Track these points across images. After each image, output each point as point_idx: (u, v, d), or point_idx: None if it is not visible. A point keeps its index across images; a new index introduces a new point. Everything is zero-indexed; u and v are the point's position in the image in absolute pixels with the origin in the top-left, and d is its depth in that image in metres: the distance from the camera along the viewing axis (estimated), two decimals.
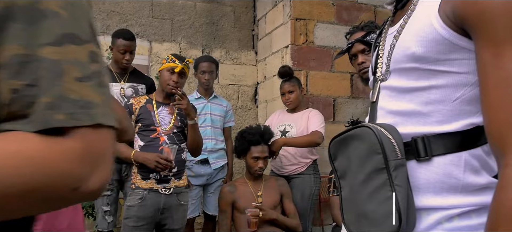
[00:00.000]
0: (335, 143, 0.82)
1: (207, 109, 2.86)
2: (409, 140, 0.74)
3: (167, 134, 2.21)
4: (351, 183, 0.78)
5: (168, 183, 2.20)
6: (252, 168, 2.39)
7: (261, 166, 2.38)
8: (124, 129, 1.24)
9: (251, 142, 2.39)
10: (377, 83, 0.84)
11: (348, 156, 0.78)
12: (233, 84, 3.94)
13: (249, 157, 2.41)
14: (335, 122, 3.45)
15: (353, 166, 0.77)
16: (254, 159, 2.38)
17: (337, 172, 0.83)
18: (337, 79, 3.47)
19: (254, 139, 2.40)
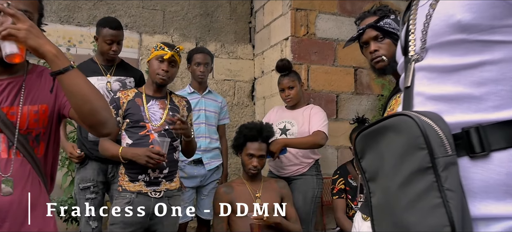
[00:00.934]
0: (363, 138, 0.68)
1: (201, 105, 2.75)
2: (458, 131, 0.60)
3: (158, 131, 2.08)
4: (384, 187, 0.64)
5: (159, 186, 2.07)
6: (246, 166, 2.30)
7: (255, 164, 2.27)
8: (102, 121, 1.10)
9: (247, 137, 2.29)
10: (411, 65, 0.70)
11: (380, 153, 0.64)
12: (228, 80, 3.84)
13: (244, 154, 2.32)
14: (338, 120, 3.35)
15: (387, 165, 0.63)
16: (248, 156, 2.29)
17: (366, 173, 0.68)
18: (340, 74, 3.37)
19: (251, 134, 2.30)
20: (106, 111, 1.13)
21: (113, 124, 1.17)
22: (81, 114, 1.11)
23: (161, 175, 2.07)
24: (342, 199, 2.65)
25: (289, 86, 2.60)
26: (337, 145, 3.32)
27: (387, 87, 3.37)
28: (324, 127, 2.52)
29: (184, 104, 2.26)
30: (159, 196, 2.06)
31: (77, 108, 1.11)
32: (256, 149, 2.31)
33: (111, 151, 2.04)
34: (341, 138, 3.30)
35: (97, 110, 1.09)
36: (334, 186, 2.69)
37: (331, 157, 3.29)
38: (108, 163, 2.36)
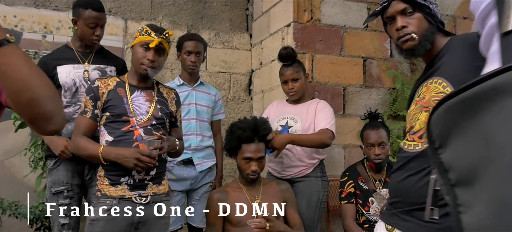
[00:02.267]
0: (447, 112, 0.45)
1: (191, 98, 2.57)
2: None
3: (144, 126, 1.89)
4: (498, 196, 0.41)
5: (145, 190, 1.88)
6: (244, 172, 2.13)
7: (254, 169, 2.10)
8: (46, 114, 0.85)
9: (241, 139, 2.12)
10: None
11: (485, 134, 0.41)
12: (223, 72, 3.68)
13: (240, 158, 2.14)
14: (345, 115, 3.18)
15: (503, 155, 0.40)
16: (245, 160, 2.12)
17: (450, 172, 0.46)
18: (347, 65, 3.19)
19: (245, 135, 2.12)
20: (52, 101, 0.87)
21: (61, 118, 0.91)
22: (18, 104, 0.88)
23: (148, 177, 1.89)
24: (351, 204, 2.47)
25: (293, 77, 2.44)
26: (344, 144, 3.16)
27: (400, 79, 3.22)
28: (331, 126, 2.38)
29: (173, 97, 2.08)
30: (146, 201, 1.88)
31: (13, 95, 0.87)
32: (254, 151, 2.13)
33: (88, 150, 1.84)
34: (348, 136, 3.14)
35: (39, 100, 0.85)
36: (343, 189, 2.51)
37: (338, 157, 3.12)
38: (85, 163, 2.17)
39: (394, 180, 1.38)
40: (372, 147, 2.42)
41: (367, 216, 2.46)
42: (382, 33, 3.31)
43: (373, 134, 2.41)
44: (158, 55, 1.90)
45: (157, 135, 1.80)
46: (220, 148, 2.63)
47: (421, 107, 1.34)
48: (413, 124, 1.36)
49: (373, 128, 2.42)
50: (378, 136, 2.40)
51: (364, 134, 2.48)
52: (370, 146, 2.43)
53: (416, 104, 1.37)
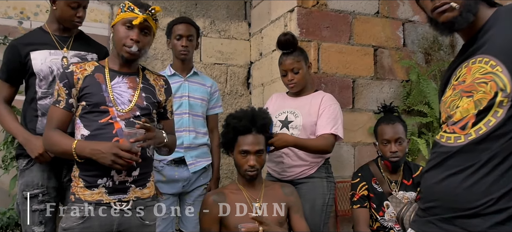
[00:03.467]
0: None
1: (183, 90, 2.40)
2: None
3: (126, 118, 1.68)
4: None
5: (126, 194, 1.68)
6: (241, 168, 1.97)
7: (252, 164, 1.94)
8: None
9: (237, 130, 1.96)
10: None
11: None
12: (219, 64, 3.51)
13: (237, 152, 1.99)
14: (355, 110, 3.00)
15: None
16: (242, 154, 1.96)
17: None
18: (357, 54, 3.02)
19: (241, 125, 1.96)
20: None
21: None
22: None
23: (130, 178, 1.67)
24: (364, 209, 2.28)
25: (293, 67, 2.28)
26: (354, 142, 2.98)
27: (415, 70, 3.04)
28: (336, 129, 2.23)
29: (162, 84, 1.87)
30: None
31: None
32: (251, 143, 1.96)
33: (61, 145, 1.64)
34: (358, 133, 2.96)
35: None
36: (355, 192, 2.30)
37: (346, 156, 2.93)
38: (63, 162, 1.94)
39: (430, 181, 1.17)
40: (388, 144, 2.22)
41: (381, 222, 2.27)
42: (394, 20, 3.15)
43: (388, 129, 2.22)
44: (143, 34, 1.69)
45: (139, 124, 1.58)
46: (217, 145, 2.45)
47: (461, 92, 1.14)
48: (451, 113, 1.16)
49: (389, 122, 2.24)
50: (394, 132, 2.21)
51: (378, 129, 2.28)
52: (385, 142, 2.23)
53: (454, 89, 1.17)
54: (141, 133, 1.58)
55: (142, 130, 1.59)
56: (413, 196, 2.25)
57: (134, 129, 1.59)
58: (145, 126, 1.58)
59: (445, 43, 3.31)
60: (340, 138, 2.26)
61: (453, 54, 3.31)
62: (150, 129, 1.61)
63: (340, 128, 2.25)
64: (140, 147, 1.59)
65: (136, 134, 1.58)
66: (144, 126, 1.58)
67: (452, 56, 3.29)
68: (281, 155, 2.28)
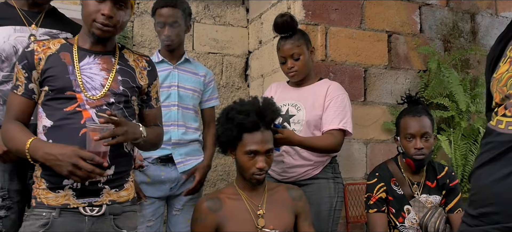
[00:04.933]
0: None
1: (172, 79, 2.24)
2: None
3: (98, 105, 1.48)
4: None
5: (98, 196, 1.47)
6: (247, 171, 1.76)
7: (262, 166, 1.74)
8: None
9: (243, 127, 1.76)
10: None
11: None
12: (214, 53, 3.36)
13: (241, 153, 1.77)
14: (367, 103, 2.85)
15: None
16: (249, 155, 1.74)
17: None
18: (369, 40, 2.87)
19: (248, 121, 1.74)
20: None
21: None
22: None
23: (103, 178, 1.46)
24: (382, 214, 2.08)
25: (293, 53, 2.13)
26: (366, 139, 2.83)
27: (435, 58, 2.87)
28: (345, 123, 2.10)
29: (144, 65, 1.65)
30: (99, 213, 1.46)
31: None
32: (260, 142, 1.75)
33: (15, 142, 1.44)
34: (371, 129, 2.81)
35: None
36: (371, 194, 2.11)
37: (357, 155, 2.78)
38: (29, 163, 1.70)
39: (485, 180, 0.95)
40: (413, 139, 2.03)
41: (401, 230, 2.07)
42: (410, 2, 3.01)
43: (414, 122, 2.04)
44: (117, 8, 1.48)
45: (104, 118, 1.37)
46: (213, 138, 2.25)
47: None
48: (509, 92, 0.93)
49: (414, 114, 2.06)
50: (420, 125, 2.03)
51: (401, 122, 2.09)
52: (409, 137, 2.04)
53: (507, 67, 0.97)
54: (108, 129, 1.37)
55: (109, 124, 1.38)
56: (437, 200, 2.08)
57: (99, 124, 1.38)
58: (112, 119, 1.37)
59: (465, 29, 3.18)
60: (349, 133, 2.12)
61: (474, 42, 3.20)
62: (119, 123, 1.39)
63: (349, 122, 2.11)
64: (108, 145, 1.38)
65: (102, 130, 1.36)
66: (111, 119, 1.37)
67: (473, 43, 3.18)
68: (282, 153, 2.14)
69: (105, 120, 1.37)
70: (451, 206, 2.06)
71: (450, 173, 2.10)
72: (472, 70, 3.10)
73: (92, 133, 1.35)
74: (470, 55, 3.10)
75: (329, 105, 2.10)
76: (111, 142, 1.38)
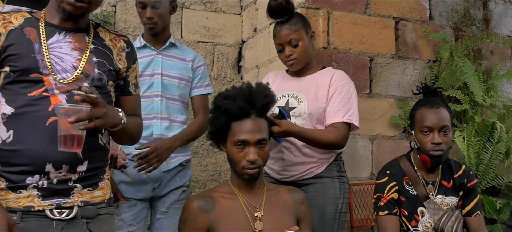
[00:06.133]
0: None
1: (156, 65, 2.17)
2: None
3: (68, 90, 1.37)
4: None
5: (69, 197, 1.36)
6: (237, 165, 1.68)
7: (252, 158, 1.65)
8: None
9: (230, 114, 1.68)
10: None
11: None
12: (204, 42, 3.32)
13: (231, 144, 1.69)
14: (373, 96, 2.83)
15: None
16: (238, 146, 1.66)
17: None
18: (375, 27, 2.84)
19: (236, 106, 1.67)
20: None
21: None
22: None
23: (74, 175, 1.37)
24: (393, 217, 1.99)
25: (291, 39, 2.06)
26: (371, 135, 2.79)
27: (447, 46, 2.83)
28: (351, 116, 2.04)
29: (122, 46, 1.55)
30: (70, 216, 1.36)
31: None
32: (250, 130, 1.66)
33: None
34: (377, 124, 2.78)
35: None
36: (382, 195, 2.02)
37: (362, 153, 2.74)
38: None
39: None
40: (430, 133, 1.96)
41: None
42: None
43: (431, 114, 1.96)
44: None
45: (80, 95, 1.25)
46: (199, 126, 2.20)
47: None
48: None
49: (432, 106, 1.99)
50: (439, 118, 1.95)
51: (417, 114, 2.03)
52: (426, 131, 1.97)
53: None
54: (84, 111, 1.26)
55: (86, 106, 1.27)
56: (454, 202, 2.00)
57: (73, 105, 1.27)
58: (89, 97, 1.25)
59: (477, 17, 3.15)
60: (355, 127, 2.05)
61: (487, 30, 3.19)
62: (97, 104, 1.28)
63: (355, 115, 2.04)
64: (84, 129, 1.27)
65: (78, 112, 1.25)
66: (88, 97, 1.25)
67: (486, 32, 3.15)
68: (281, 149, 2.06)
69: (82, 98, 1.24)
70: (469, 209, 1.98)
71: (468, 172, 2.04)
72: (485, 61, 3.08)
73: (64, 115, 1.24)
74: (482, 45, 3.08)
75: (333, 96, 2.04)
76: (89, 125, 1.27)
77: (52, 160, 1.29)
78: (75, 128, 1.25)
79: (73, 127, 1.25)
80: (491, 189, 2.80)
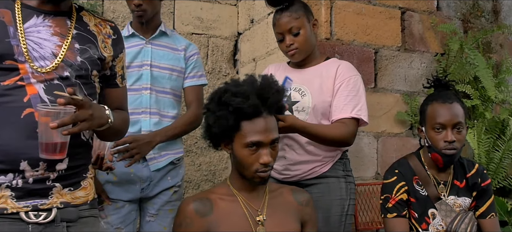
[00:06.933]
0: None
1: (145, 56, 2.12)
2: None
3: (47, 80, 1.31)
4: None
5: (47, 198, 1.31)
6: (249, 168, 1.60)
7: (267, 160, 1.58)
8: None
9: (241, 112, 1.59)
10: None
11: None
12: (198, 34, 3.31)
13: (240, 146, 1.60)
14: (378, 90, 2.79)
15: None
16: (250, 148, 1.58)
17: None
18: (380, 17, 2.81)
19: (249, 105, 1.57)
20: None
21: None
22: None
23: (52, 174, 1.30)
24: (403, 219, 1.95)
25: (292, 27, 2.01)
26: (376, 132, 2.76)
27: (455, 39, 2.78)
28: (359, 111, 1.99)
29: (108, 32, 1.49)
30: (48, 219, 1.30)
31: None
32: (264, 130, 1.59)
33: None
34: (382, 121, 2.75)
35: None
36: (390, 195, 1.98)
37: (367, 151, 2.70)
38: None
39: None
40: (443, 130, 1.92)
41: None
42: None
43: (444, 110, 1.92)
44: None
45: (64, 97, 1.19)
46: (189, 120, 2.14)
47: None
48: None
49: (445, 101, 1.95)
50: (452, 114, 1.91)
51: (428, 110, 1.98)
52: (438, 128, 1.93)
53: None
54: (68, 113, 1.19)
55: (70, 107, 1.20)
56: (467, 203, 1.95)
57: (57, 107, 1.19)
58: (74, 100, 1.19)
59: (487, 8, 3.12)
60: (363, 122, 2.00)
61: (496, 22, 3.15)
62: (82, 105, 1.21)
63: (363, 109, 1.98)
64: (69, 134, 1.21)
65: (59, 115, 1.18)
66: (73, 100, 1.19)
67: (495, 24, 3.12)
68: (283, 147, 2.00)
69: (66, 101, 1.18)
70: (483, 210, 1.94)
71: (482, 171, 2.00)
72: (495, 55, 3.06)
73: (45, 119, 1.17)
74: (491, 38, 3.04)
75: (340, 88, 1.98)
76: (73, 130, 1.21)
77: (27, 157, 1.22)
78: (58, 133, 1.18)
79: (56, 132, 1.18)
80: (501, 190, 2.77)
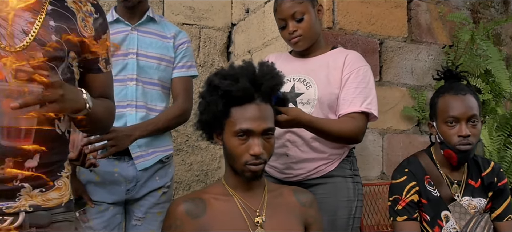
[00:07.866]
0: None
1: (130, 44, 2.05)
2: None
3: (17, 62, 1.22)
4: None
5: (14, 200, 1.21)
6: (237, 160, 1.55)
7: (258, 151, 1.52)
8: None
9: (231, 97, 1.56)
10: None
11: None
12: (189, 24, 3.27)
13: (230, 134, 1.56)
14: (383, 84, 2.75)
15: None
16: (240, 137, 1.54)
17: None
18: (385, 6, 2.75)
19: (238, 88, 1.53)
20: None
21: None
22: None
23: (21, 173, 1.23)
24: (413, 222, 1.90)
25: (295, 12, 1.96)
26: (382, 128, 2.70)
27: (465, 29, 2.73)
28: (369, 104, 1.94)
29: (89, 10, 1.39)
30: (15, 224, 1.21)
31: None
32: (255, 118, 1.53)
33: None
34: (388, 117, 2.70)
35: None
36: (400, 197, 1.93)
37: (372, 149, 2.65)
38: None
39: None
40: (456, 124, 1.86)
41: None
42: None
43: (457, 102, 1.87)
44: None
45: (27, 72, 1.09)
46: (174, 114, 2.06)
47: None
48: None
49: (457, 93, 1.89)
50: (466, 107, 1.86)
51: (439, 102, 1.93)
52: (452, 121, 1.87)
53: None
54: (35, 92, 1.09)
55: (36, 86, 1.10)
56: (482, 204, 1.90)
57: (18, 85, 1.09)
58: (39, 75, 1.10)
59: None
60: (373, 117, 1.95)
61: (506, 13, 3.10)
62: (52, 84, 1.11)
63: (374, 103, 1.93)
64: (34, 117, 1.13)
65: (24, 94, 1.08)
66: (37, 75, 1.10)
67: (505, 15, 3.07)
68: (285, 143, 1.93)
69: (28, 77, 1.08)
70: (499, 212, 1.89)
71: (498, 169, 1.94)
72: (505, 47, 3.04)
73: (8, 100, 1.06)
74: (501, 29, 3.00)
75: (348, 80, 1.92)
76: (40, 111, 1.11)
77: None
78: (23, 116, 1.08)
79: (20, 114, 1.07)
80: None
